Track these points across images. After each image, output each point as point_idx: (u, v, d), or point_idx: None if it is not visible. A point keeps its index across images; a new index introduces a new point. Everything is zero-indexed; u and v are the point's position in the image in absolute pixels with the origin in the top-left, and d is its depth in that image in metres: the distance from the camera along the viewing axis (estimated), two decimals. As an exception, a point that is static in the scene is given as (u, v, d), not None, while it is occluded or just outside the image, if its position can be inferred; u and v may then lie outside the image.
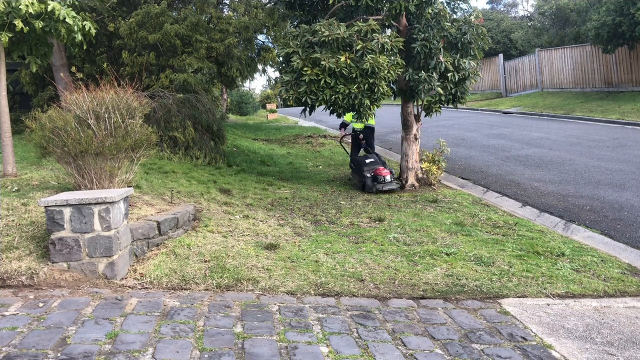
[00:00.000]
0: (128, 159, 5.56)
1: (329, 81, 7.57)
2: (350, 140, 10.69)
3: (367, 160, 9.17)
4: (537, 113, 18.73)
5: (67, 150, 5.12)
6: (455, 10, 9.31)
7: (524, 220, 7.03)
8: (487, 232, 6.47)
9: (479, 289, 4.67)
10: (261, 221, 6.36)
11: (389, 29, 8.97)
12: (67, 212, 4.29)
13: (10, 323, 3.49)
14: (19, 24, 5.67)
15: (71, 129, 5.08)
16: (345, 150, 10.31)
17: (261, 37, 17.91)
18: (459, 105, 9.49)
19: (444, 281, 4.79)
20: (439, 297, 4.50)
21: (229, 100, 26.98)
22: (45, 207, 4.31)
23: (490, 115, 19.96)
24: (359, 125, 9.99)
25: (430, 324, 3.95)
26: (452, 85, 8.66)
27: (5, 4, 5.69)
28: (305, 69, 7.58)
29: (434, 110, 9.25)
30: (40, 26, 5.87)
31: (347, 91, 7.61)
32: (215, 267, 4.69)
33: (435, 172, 9.20)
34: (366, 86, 7.65)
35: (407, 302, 4.35)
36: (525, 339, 3.78)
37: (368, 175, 8.75)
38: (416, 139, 9.13)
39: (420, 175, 9.15)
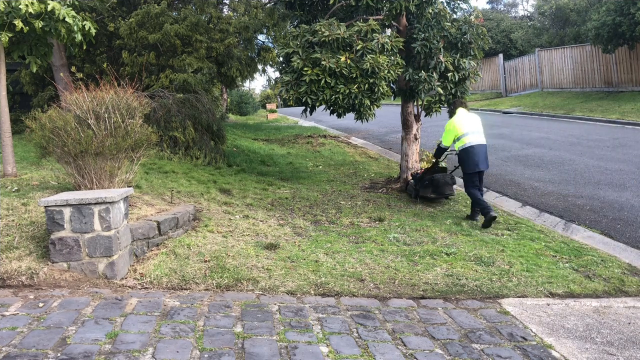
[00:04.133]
0: (128, 159, 5.56)
1: (329, 81, 7.57)
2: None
3: None
4: (537, 113, 18.73)
5: (67, 150, 5.12)
6: (455, 10, 9.30)
7: (524, 220, 7.03)
8: (487, 232, 6.47)
9: (479, 289, 4.67)
10: (261, 221, 6.36)
11: (389, 29, 8.96)
12: (67, 212, 4.29)
13: (10, 323, 3.49)
14: (19, 23, 5.67)
15: (71, 129, 5.08)
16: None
17: (261, 37, 17.94)
18: (459, 105, 9.48)
19: (444, 281, 4.80)
20: (439, 297, 4.50)
21: (229, 100, 26.96)
22: (45, 207, 4.31)
23: (490, 115, 19.95)
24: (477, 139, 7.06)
25: (430, 323, 3.95)
26: (452, 85, 8.65)
27: (5, 3, 5.69)
28: (305, 69, 7.58)
29: (434, 110, 9.25)
30: (40, 26, 5.87)
31: (347, 91, 7.60)
32: (215, 267, 4.70)
33: (435, 172, 9.20)
34: (366, 86, 7.65)
35: (407, 302, 4.35)
36: (525, 339, 3.78)
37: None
38: (416, 138, 9.13)
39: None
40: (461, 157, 7.07)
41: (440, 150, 7.51)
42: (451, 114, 7.57)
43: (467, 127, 7.09)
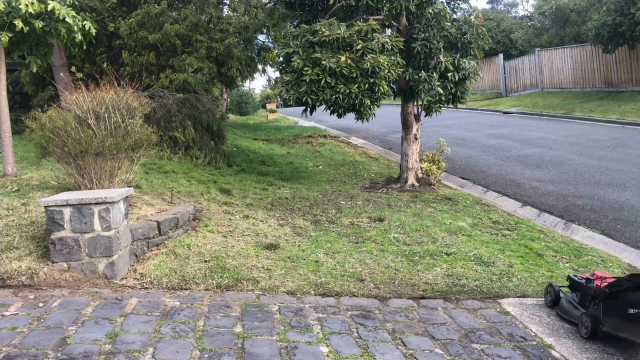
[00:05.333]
0: (128, 159, 5.56)
1: (330, 81, 7.57)
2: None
3: None
4: (537, 113, 18.72)
5: (67, 150, 5.12)
6: (455, 10, 9.31)
7: (524, 220, 7.02)
8: (487, 232, 6.47)
9: (479, 289, 4.67)
10: (261, 221, 6.36)
11: (389, 29, 8.97)
12: (67, 212, 4.29)
13: (11, 323, 3.49)
14: (19, 23, 5.67)
15: (71, 129, 5.08)
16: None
17: (261, 37, 17.90)
18: (459, 105, 9.49)
19: (444, 281, 4.79)
20: (439, 297, 4.50)
21: (229, 100, 26.94)
22: (45, 207, 4.31)
23: (490, 115, 19.95)
24: None
25: (430, 323, 3.94)
26: (452, 85, 8.66)
27: (5, 3, 5.69)
28: (305, 68, 7.58)
29: (434, 110, 9.25)
30: (40, 26, 5.87)
31: (347, 91, 7.61)
32: (215, 267, 4.69)
33: (435, 172, 9.20)
34: (366, 86, 7.65)
35: (407, 302, 4.35)
36: (525, 339, 3.78)
37: None
38: (416, 138, 9.13)
39: (420, 175, 9.15)
40: None
41: None
42: None
43: None
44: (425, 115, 9.43)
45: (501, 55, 26.34)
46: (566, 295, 4.23)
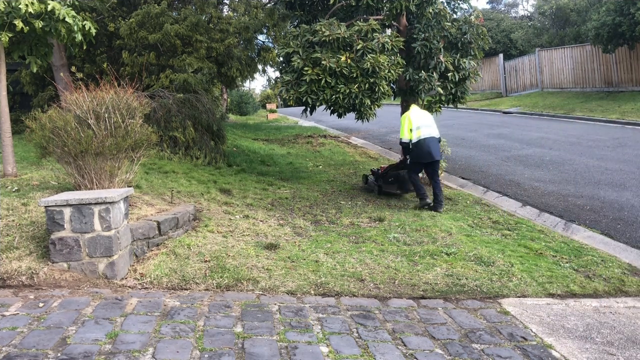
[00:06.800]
0: (128, 159, 5.56)
1: (330, 81, 7.57)
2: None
3: None
4: (537, 113, 18.73)
5: (67, 150, 5.12)
6: (455, 10, 9.31)
7: (524, 220, 7.02)
8: (487, 232, 6.47)
9: (479, 289, 4.67)
10: (261, 221, 6.36)
11: (389, 29, 8.96)
12: (67, 212, 4.29)
13: (11, 323, 3.49)
14: (19, 23, 5.67)
15: (71, 129, 5.08)
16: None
17: (261, 37, 17.90)
18: (459, 105, 9.49)
19: (444, 281, 4.79)
20: (439, 297, 4.50)
21: (229, 100, 26.93)
22: (46, 207, 4.31)
23: (490, 115, 19.95)
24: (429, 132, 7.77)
25: (431, 323, 3.95)
26: (452, 85, 8.65)
27: (5, 3, 5.69)
28: (305, 68, 7.58)
29: (434, 110, 9.25)
30: (40, 26, 5.87)
31: (347, 91, 7.60)
32: (215, 267, 4.69)
33: (435, 172, 9.19)
34: (367, 86, 7.65)
35: (407, 302, 4.35)
36: (526, 339, 3.78)
37: None
38: (416, 138, 9.12)
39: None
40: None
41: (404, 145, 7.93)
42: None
43: (418, 120, 7.75)
44: (425, 115, 9.42)
45: (501, 55, 26.35)
46: (370, 179, 8.86)
